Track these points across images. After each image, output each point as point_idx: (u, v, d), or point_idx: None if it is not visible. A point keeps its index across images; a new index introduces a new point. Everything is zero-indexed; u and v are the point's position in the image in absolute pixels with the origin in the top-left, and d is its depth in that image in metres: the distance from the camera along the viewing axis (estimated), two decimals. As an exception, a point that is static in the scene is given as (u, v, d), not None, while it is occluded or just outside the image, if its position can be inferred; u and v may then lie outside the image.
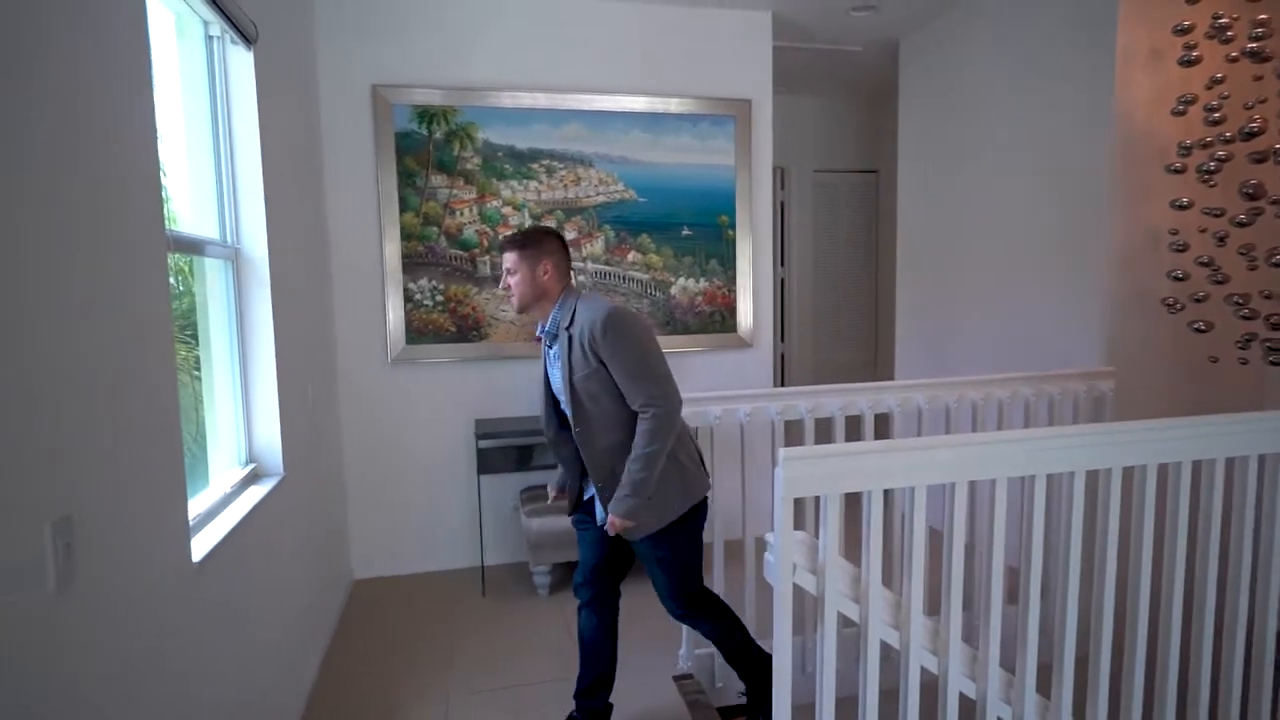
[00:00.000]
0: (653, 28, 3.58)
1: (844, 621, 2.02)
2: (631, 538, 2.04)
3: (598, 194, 3.57)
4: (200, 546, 1.65)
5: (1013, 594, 2.55)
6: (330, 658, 2.76)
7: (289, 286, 2.52)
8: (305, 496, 2.61)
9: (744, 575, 2.49)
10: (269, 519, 2.16)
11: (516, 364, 3.56)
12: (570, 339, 2.00)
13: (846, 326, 5.68)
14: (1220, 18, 2.45)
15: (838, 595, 1.81)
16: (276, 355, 2.30)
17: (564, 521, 3.27)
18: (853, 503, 1.93)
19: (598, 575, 2.22)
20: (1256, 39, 2.36)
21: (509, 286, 2.07)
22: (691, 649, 2.55)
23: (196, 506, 1.81)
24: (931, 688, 1.86)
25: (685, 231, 3.69)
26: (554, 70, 3.49)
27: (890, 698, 1.83)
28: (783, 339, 5.56)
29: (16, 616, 0.98)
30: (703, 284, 3.74)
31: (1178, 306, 2.68)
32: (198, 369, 2.11)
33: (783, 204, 5.47)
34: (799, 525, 1.99)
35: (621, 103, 3.55)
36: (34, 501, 1.02)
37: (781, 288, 5.53)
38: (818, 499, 1.78)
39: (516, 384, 3.55)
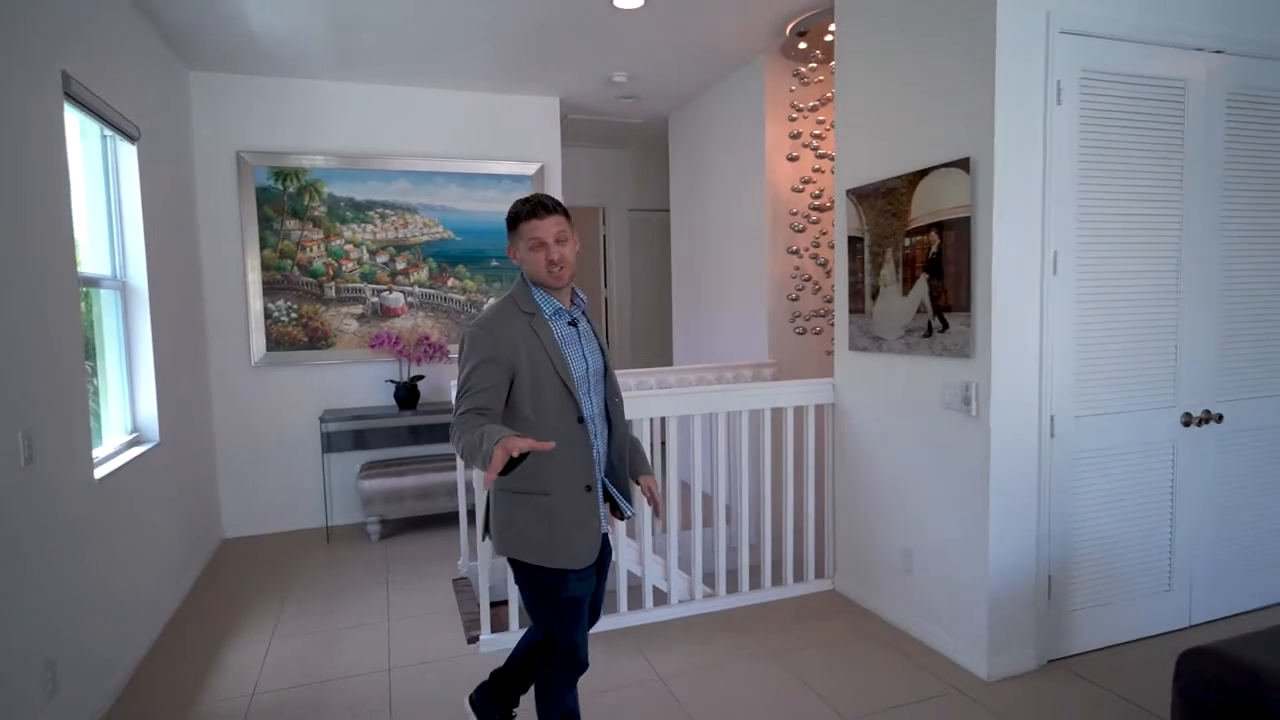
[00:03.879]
0: (464, 108, 4.68)
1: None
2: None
3: (422, 234, 4.63)
4: (99, 473, 2.61)
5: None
6: (194, 591, 3.66)
7: (166, 307, 3.46)
8: (176, 459, 3.54)
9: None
10: (147, 469, 3.10)
11: (356, 366, 4.56)
12: (588, 320, 1.87)
13: (657, 332, 6.93)
14: (800, 135, 3.78)
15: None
16: (154, 358, 3.25)
17: (388, 482, 4.22)
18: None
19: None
20: (815, 147, 3.71)
21: (561, 259, 1.71)
22: (468, 560, 3.62)
23: (98, 452, 2.76)
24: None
25: (494, 262, 4.79)
26: (385, 139, 4.54)
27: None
28: (609, 343, 6.74)
29: (7, 476, 1.96)
30: (508, 303, 4.84)
31: (798, 317, 3.99)
32: (93, 365, 3.05)
33: (605, 237, 6.67)
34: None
35: (441, 164, 4.63)
36: (12, 418, 2.01)
37: (606, 305, 6.72)
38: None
39: (356, 382, 4.56)
